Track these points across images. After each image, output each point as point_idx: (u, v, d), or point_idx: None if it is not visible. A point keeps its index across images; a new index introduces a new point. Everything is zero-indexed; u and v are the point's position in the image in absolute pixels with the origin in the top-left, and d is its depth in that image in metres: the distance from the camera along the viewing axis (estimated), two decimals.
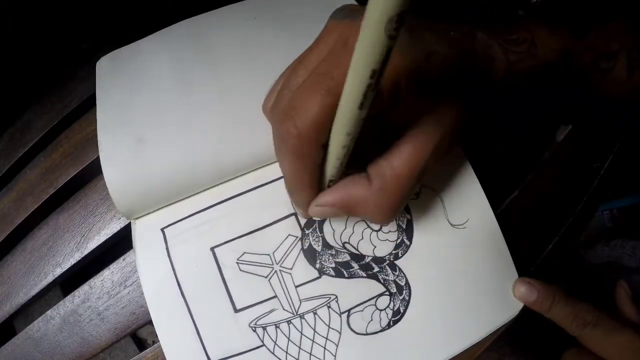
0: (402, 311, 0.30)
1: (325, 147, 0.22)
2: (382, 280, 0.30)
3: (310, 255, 0.30)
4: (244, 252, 0.30)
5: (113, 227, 0.35)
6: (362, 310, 0.30)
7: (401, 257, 0.30)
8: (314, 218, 0.30)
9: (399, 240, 0.30)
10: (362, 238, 0.30)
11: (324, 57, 0.22)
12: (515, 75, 0.27)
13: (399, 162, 0.22)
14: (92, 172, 0.36)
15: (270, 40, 0.33)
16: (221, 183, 0.31)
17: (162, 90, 0.32)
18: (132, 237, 0.31)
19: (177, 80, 0.32)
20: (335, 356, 0.29)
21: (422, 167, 0.22)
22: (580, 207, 0.37)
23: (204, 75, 0.32)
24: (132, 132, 0.30)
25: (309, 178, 0.23)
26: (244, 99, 0.31)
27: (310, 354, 0.29)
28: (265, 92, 0.30)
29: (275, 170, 0.32)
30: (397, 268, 0.30)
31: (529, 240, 0.36)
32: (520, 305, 0.31)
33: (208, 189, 0.31)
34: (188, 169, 0.30)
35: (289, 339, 0.29)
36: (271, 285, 0.30)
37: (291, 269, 0.30)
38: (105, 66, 0.34)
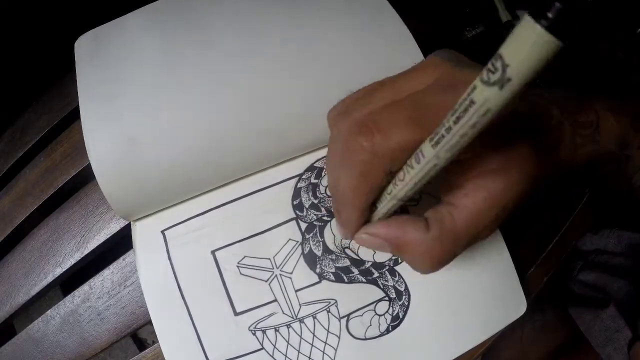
0: (401, 316, 0.30)
1: (391, 175, 0.20)
2: (381, 286, 0.30)
3: (311, 259, 0.30)
4: (245, 256, 0.30)
5: (113, 227, 0.35)
6: (362, 315, 0.30)
7: (401, 262, 0.30)
8: (355, 243, 0.28)
9: None
10: None
11: (423, 88, 0.20)
12: (574, 161, 0.25)
13: (464, 216, 0.20)
14: (92, 172, 0.36)
15: (272, 20, 0.32)
16: (222, 186, 0.31)
17: (151, 77, 0.30)
18: (132, 238, 0.31)
19: (168, 66, 0.31)
20: None
21: (487, 221, 0.20)
22: (581, 207, 0.37)
23: (197, 61, 0.31)
24: (121, 131, 0.29)
25: (364, 199, 0.21)
26: (243, 93, 0.30)
27: (309, 358, 0.29)
28: (267, 80, 0.30)
29: (277, 173, 0.32)
30: (397, 274, 0.30)
31: (529, 242, 0.36)
32: (522, 310, 0.31)
33: (209, 191, 0.31)
34: (185, 172, 0.29)
35: (288, 342, 0.29)
36: (271, 289, 0.30)
37: (291, 273, 0.30)
38: (84, 47, 0.32)
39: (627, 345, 0.39)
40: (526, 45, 0.12)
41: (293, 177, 0.32)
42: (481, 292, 0.30)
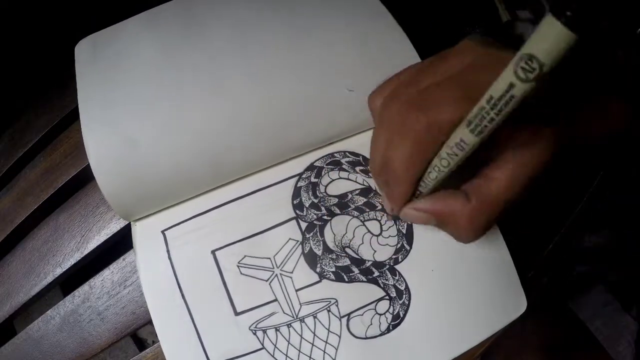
0: (401, 315, 0.30)
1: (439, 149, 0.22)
2: (382, 285, 0.30)
3: (311, 259, 0.30)
4: (245, 256, 0.30)
5: (113, 227, 0.35)
6: (362, 315, 0.30)
7: (401, 261, 0.30)
8: (402, 219, 0.29)
9: (399, 245, 0.31)
10: (363, 242, 0.31)
11: (462, 69, 0.23)
12: (590, 132, 0.26)
13: (497, 183, 0.22)
14: (92, 172, 0.36)
15: (268, 21, 0.32)
16: (222, 186, 0.31)
17: (150, 81, 0.31)
18: (133, 238, 0.31)
19: (166, 69, 0.31)
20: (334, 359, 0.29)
21: (521, 189, 0.22)
22: (581, 207, 0.37)
23: (196, 63, 0.31)
24: (121, 133, 0.29)
25: (418, 170, 0.23)
26: (242, 94, 0.30)
27: (310, 357, 0.29)
28: (265, 81, 0.30)
29: (277, 173, 0.32)
30: (397, 272, 0.30)
31: (529, 242, 0.36)
32: (522, 308, 0.31)
33: (209, 191, 0.31)
34: (185, 172, 0.30)
35: (289, 342, 0.29)
36: (272, 289, 0.30)
37: (292, 272, 0.30)
38: (85, 51, 0.33)
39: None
40: (555, 42, 0.15)
41: (293, 177, 0.32)
42: (481, 290, 0.30)
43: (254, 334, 0.29)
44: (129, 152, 0.29)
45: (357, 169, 0.32)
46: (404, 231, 0.31)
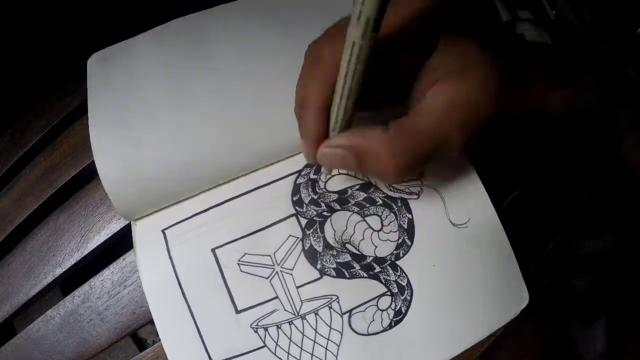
0: (403, 311, 0.30)
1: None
2: (383, 281, 0.30)
3: (311, 255, 0.30)
4: (245, 253, 0.30)
5: (113, 227, 0.35)
6: (364, 311, 0.30)
7: (402, 257, 0.30)
8: (321, 164, 0.27)
9: (400, 241, 0.30)
10: (363, 238, 0.30)
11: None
12: (548, 105, 0.26)
13: (422, 118, 0.21)
14: (92, 172, 0.36)
15: (266, 38, 0.33)
16: (221, 184, 0.31)
17: (156, 90, 0.32)
18: (133, 238, 0.31)
19: (172, 79, 0.32)
20: (336, 356, 0.29)
21: (450, 131, 0.21)
22: (581, 207, 0.37)
23: (199, 74, 0.32)
24: (126, 134, 0.30)
25: (324, 95, 0.23)
26: (240, 98, 0.31)
27: (312, 355, 0.29)
28: (262, 91, 0.31)
29: (276, 170, 0.32)
30: (399, 268, 0.30)
31: (531, 239, 0.35)
32: (524, 303, 0.31)
33: (208, 190, 0.31)
34: (186, 170, 0.30)
35: (290, 339, 0.29)
36: (272, 286, 0.30)
37: (292, 269, 0.30)
38: (96, 64, 0.34)
39: None
40: None
41: (292, 174, 0.32)
42: (483, 285, 0.30)
43: (256, 331, 0.29)
44: (133, 151, 0.29)
45: None
46: (405, 226, 0.31)
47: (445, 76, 0.21)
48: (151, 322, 0.30)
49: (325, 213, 0.31)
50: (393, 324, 0.30)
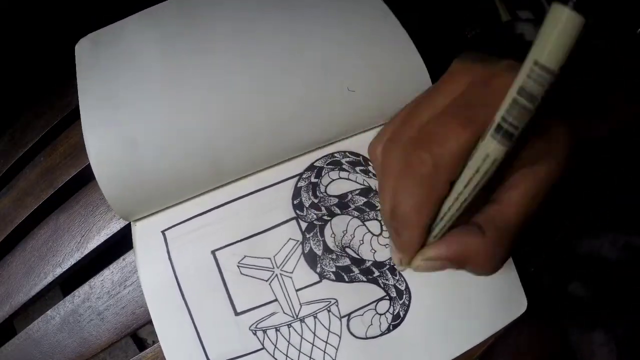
0: (402, 315, 0.30)
1: (451, 185, 0.21)
2: (382, 285, 0.30)
3: (311, 259, 0.30)
4: (245, 256, 0.30)
5: (113, 227, 0.35)
6: (362, 315, 0.30)
7: None
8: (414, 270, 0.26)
9: None
10: (363, 242, 0.31)
11: (459, 93, 0.21)
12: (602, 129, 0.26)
13: (513, 210, 0.21)
14: (92, 172, 0.36)
15: (269, 21, 0.32)
16: (222, 186, 0.31)
17: (151, 81, 0.30)
18: (132, 238, 0.31)
19: (167, 70, 0.31)
20: None
21: (538, 206, 0.21)
22: (581, 207, 0.37)
23: (197, 64, 0.31)
24: (121, 133, 0.29)
25: (429, 214, 0.21)
26: (243, 93, 0.30)
27: (310, 358, 0.29)
28: (265, 81, 0.30)
29: (277, 173, 0.32)
30: (397, 272, 0.30)
31: (529, 241, 0.36)
32: (522, 308, 0.31)
33: (209, 191, 0.31)
34: (185, 172, 0.29)
35: (289, 342, 0.29)
36: (272, 289, 0.30)
37: (292, 272, 0.30)
38: (85, 50, 0.32)
39: None
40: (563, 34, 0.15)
41: (293, 177, 0.32)
42: (482, 290, 0.30)
43: (254, 334, 0.29)
44: (130, 152, 0.29)
45: (358, 169, 0.32)
46: None
47: (529, 162, 0.21)
48: (151, 322, 0.30)
49: (325, 217, 0.31)
50: (391, 327, 0.30)
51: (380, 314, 0.30)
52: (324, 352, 0.29)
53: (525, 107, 0.17)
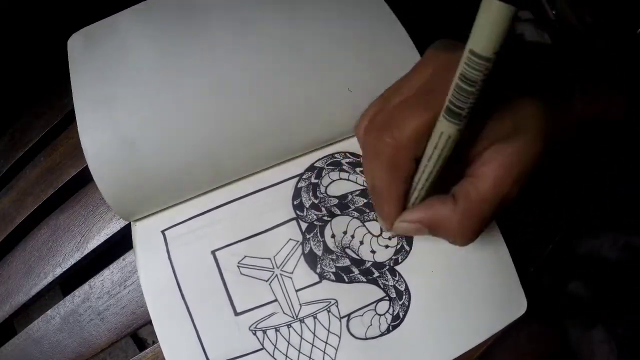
0: (401, 316, 0.30)
1: (417, 161, 0.23)
2: (382, 285, 0.30)
3: (311, 259, 0.30)
4: (245, 256, 0.30)
5: (113, 227, 0.35)
6: (362, 315, 0.30)
7: (401, 262, 0.30)
8: (396, 234, 0.31)
9: (399, 246, 0.31)
10: (363, 243, 0.31)
11: (424, 80, 0.23)
12: (586, 116, 0.26)
13: (485, 184, 0.22)
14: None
15: (269, 19, 0.32)
16: (222, 186, 0.31)
17: (147, 78, 0.30)
18: (132, 238, 0.31)
19: (164, 67, 0.31)
20: None
21: (510, 185, 0.22)
22: (581, 207, 0.37)
23: (195, 60, 0.31)
24: (118, 133, 0.29)
25: (399, 190, 0.24)
26: (242, 92, 0.30)
27: (310, 358, 0.29)
28: (265, 80, 0.30)
29: (277, 173, 0.32)
30: (397, 273, 0.30)
31: (529, 242, 0.36)
32: (522, 310, 0.31)
33: (209, 191, 0.31)
34: (184, 172, 0.29)
35: (288, 342, 0.29)
36: (272, 289, 0.30)
37: (292, 273, 0.30)
38: (78, 46, 0.32)
39: None
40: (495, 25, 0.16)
41: (293, 177, 0.32)
42: (481, 291, 0.30)
43: (254, 334, 0.29)
44: (127, 153, 0.29)
45: (358, 169, 0.32)
46: None
47: (500, 138, 0.22)
48: (151, 322, 0.30)
49: (325, 217, 0.31)
50: (391, 328, 0.30)
51: (380, 315, 0.30)
52: (324, 352, 0.29)
53: (466, 90, 0.18)
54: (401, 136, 0.22)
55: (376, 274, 0.30)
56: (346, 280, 0.30)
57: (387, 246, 0.31)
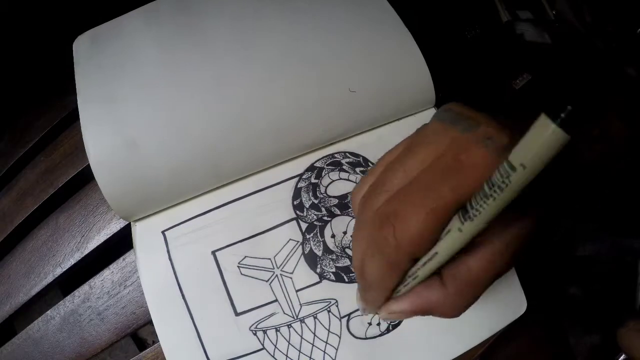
0: None
1: (416, 260, 0.21)
2: None
3: (311, 259, 0.30)
4: (245, 256, 0.30)
5: (113, 227, 0.35)
6: (362, 315, 0.30)
7: None
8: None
9: None
10: None
11: (429, 164, 0.21)
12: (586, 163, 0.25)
13: (477, 264, 0.21)
14: (92, 172, 0.36)
15: (270, 20, 0.32)
16: (222, 186, 0.31)
17: (150, 80, 0.30)
18: (133, 239, 0.31)
19: (167, 68, 0.31)
20: None
21: (503, 267, 0.21)
22: (581, 207, 0.37)
23: (196, 61, 0.31)
24: (120, 134, 0.29)
25: (391, 285, 0.22)
26: (243, 93, 0.30)
27: (310, 358, 0.29)
28: (266, 81, 0.30)
29: (277, 173, 0.32)
30: None
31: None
32: (522, 309, 0.31)
33: (209, 191, 0.31)
34: (185, 173, 0.30)
35: (289, 342, 0.29)
36: (272, 289, 0.30)
37: (292, 273, 0.30)
38: (83, 47, 0.32)
39: None
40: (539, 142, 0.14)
41: (293, 177, 0.32)
42: None
43: (254, 334, 0.29)
44: (129, 153, 0.29)
45: (358, 169, 0.32)
46: None
47: (501, 222, 0.20)
48: (151, 322, 0.30)
49: (325, 217, 0.31)
50: (391, 328, 0.30)
51: None
52: (324, 352, 0.29)
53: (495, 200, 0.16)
54: (404, 238, 0.20)
55: None
56: (346, 280, 0.30)
57: None
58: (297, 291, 0.30)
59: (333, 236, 0.31)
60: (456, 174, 0.18)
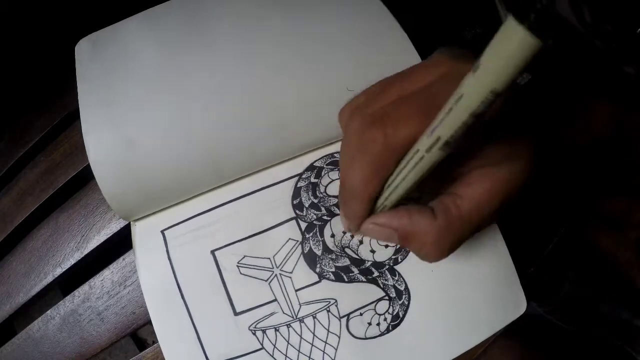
0: (401, 316, 0.30)
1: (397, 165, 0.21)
2: (381, 285, 0.30)
3: (311, 259, 0.30)
4: (245, 256, 0.30)
5: (113, 227, 0.35)
6: (362, 315, 0.30)
7: (401, 262, 0.30)
8: (360, 235, 0.30)
9: (398, 246, 0.31)
10: (362, 243, 0.31)
11: (427, 84, 0.21)
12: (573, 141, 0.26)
13: (467, 202, 0.21)
14: (92, 172, 0.36)
15: (271, 21, 0.32)
16: (222, 186, 0.31)
17: (150, 82, 0.31)
18: (132, 238, 0.31)
19: (167, 71, 0.31)
20: None
21: (491, 210, 0.21)
22: (581, 207, 0.37)
23: (197, 64, 0.31)
24: (120, 133, 0.29)
25: (375, 190, 0.22)
26: (242, 93, 0.30)
27: (309, 358, 0.29)
28: (267, 83, 0.30)
29: (277, 173, 0.32)
30: (397, 273, 0.30)
31: (529, 242, 0.36)
32: (522, 309, 0.31)
33: (209, 191, 0.31)
34: (184, 172, 0.30)
35: (288, 342, 0.29)
36: (271, 289, 0.30)
37: (291, 272, 0.30)
38: (85, 51, 0.33)
39: None
40: (508, 45, 0.13)
41: (293, 177, 0.32)
42: (481, 291, 0.30)
43: (254, 334, 0.29)
44: (129, 153, 0.29)
45: None
46: None
47: (490, 163, 0.21)
48: (151, 322, 0.30)
49: (325, 217, 0.31)
50: (390, 328, 0.30)
51: (380, 314, 0.30)
52: (323, 352, 0.29)
53: (462, 120, 0.17)
54: (394, 136, 0.20)
55: (376, 273, 0.30)
56: (346, 279, 0.30)
57: (386, 246, 0.31)
58: (296, 291, 0.30)
59: (333, 236, 0.31)
60: (449, 92, 0.18)
